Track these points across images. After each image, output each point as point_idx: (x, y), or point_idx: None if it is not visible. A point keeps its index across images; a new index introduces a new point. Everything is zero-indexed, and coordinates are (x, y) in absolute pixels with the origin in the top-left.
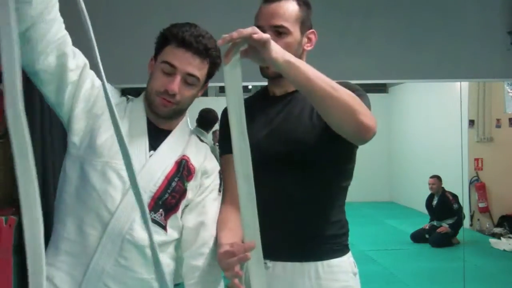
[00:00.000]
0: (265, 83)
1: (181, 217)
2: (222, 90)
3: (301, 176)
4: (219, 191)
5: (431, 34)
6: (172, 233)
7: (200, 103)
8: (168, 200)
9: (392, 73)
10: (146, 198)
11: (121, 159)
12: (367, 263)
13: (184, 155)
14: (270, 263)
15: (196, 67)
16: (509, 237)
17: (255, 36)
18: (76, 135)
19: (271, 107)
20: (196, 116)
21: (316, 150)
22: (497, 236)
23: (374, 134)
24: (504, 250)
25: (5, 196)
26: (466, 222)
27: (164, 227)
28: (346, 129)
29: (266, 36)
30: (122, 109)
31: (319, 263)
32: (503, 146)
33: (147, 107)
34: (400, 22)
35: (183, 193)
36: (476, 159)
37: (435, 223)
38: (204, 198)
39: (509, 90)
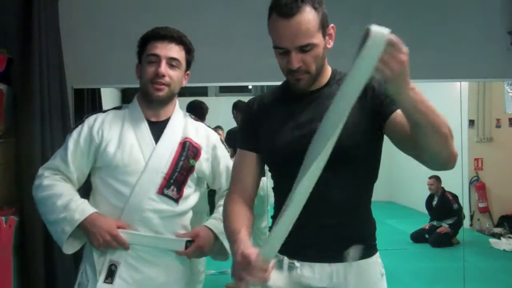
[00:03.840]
0: (265, 83)
1: (194, 189)
2: (222, 90)
3: (331, 177)
4: (226, 149)
5: (431, 34)
6: (183, 205)
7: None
8: (177, 177)
9: None
10: (159, 179)
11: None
12: None
13: (186, 137)
14: (297, 264)
15: (175, 51)
16: (509, 237)
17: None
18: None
19: (296, 106)
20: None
21: (347, 150)
22: (497, 236)
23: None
24: (504, 250)
25: (5, 196)
26: (466, 222)
27: (176, 200)
28: (439, 159)
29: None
30: (120, 117)
31: (347, 264)
32: (503, 146)
33: (144, 107)
34: (400, 22)
35: (189, 169)
36: (476, 159)
37: (435, 223)
38: (224, 164)
39: (509, 90)
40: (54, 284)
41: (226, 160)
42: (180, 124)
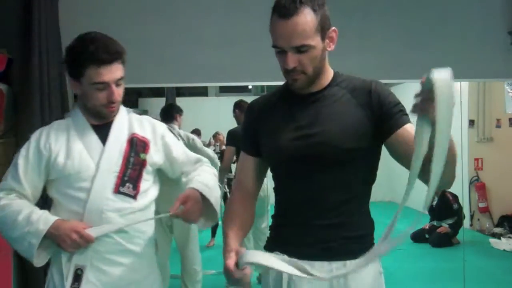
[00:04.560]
0: (265, 83)
1: (153, 181)
2: (222, 90)
3: (330, 178)
4: (177, 138)
5: (431, 34)
6: (142, 200)
7: (201, 103)
8: (131, 174)
9: (392, 73)
10: (113, 178)
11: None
12: None
13: (133, 133)
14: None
15: (119, 70)
16: (509, 237)
17: None
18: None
19: (297, 107)
20: (192, 118)
21: (346, 152)
22: (497, 236)
23: None
24: (504, 250)
25: None
26: (466, 222)
27: (133, 197)
28: (444, 186)
29: None
30: (64, 127)
31: (347, 262)
32: (503, 146)
33: (87, 114)
34: (400, 22)
35: (142, 164)
36: (476, 159)
37: (435, 223)
38: (176, 150)
39: (509, 90)
40: None
41: (177, 145)
42: (125, 122)
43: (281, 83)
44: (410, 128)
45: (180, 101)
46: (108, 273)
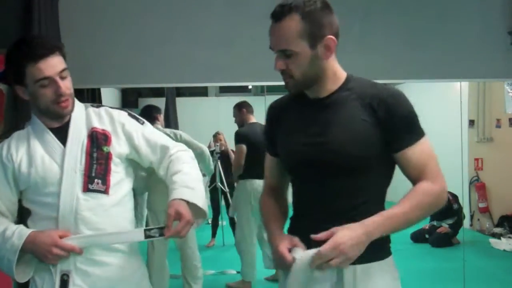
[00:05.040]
0: (265, 83)
1: (125, 173)
2: (222, 90)
3: (342, 185)
4: (140, 122)
5: (431, 34)
6: (116, 194)
7: (201, 103)
8: (97, 169)
9: (392, 73)
10: (80, 177)
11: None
12: None
13: (92, 128)
14: None
15: (59, 62)
16: (509, 237)
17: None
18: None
19: (308, 111)
20: (192, 118)
21: (356, 161)
22: (497, 236)
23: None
24: (504, 250)
25: None
26: (466, 222)
27: (104, 192)
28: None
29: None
30: (24, 136)
31: (357, 266)
32: (503, 146)
33: (44, 118)
34: (400, 22)
35: (107, 157)
36: (476, 159)
37: (435, 223)
38: (138, 136)
39: (509, 90)
40: None
41: (138, 132)
42: (82, 118)
43: (281, 83)
44: (412, 151)
45: (180, 101)
46: (94, 274)
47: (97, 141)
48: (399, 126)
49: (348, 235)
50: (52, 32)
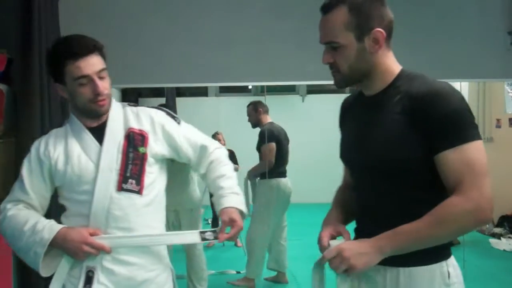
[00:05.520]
0: (265, 83)
1: (157, 175)
2: (222, 90)
3: (385, 188)
4: (177, 122)
5: (431, 34)
6: (149, 195)
7: (201, 103)
8: (132, 169)
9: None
10: (115, 176)
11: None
12: None
13: (129, 128)
14: None
15: (98, 62)
16: (509, 237)
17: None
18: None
19: (361, 109)
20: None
21: (395, 164)
22: (497, 236)
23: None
24: (504, 250)
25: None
26: None
27: (138, 192)
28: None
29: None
30: (62, 134)
31: (401, 269)
32: (503, 146)
33: (82, 117)
34: (400, 22)
35: (142, 158)
36: None
37: None
38: (179, 136)
39: (509, 90)
40: None
41: (179, 132)
42: (120, 118)
43: (281, 83)
44: (447, 157)
45: (180, 101)
46: (118, 273)
47: (134, 141)
48: (434, 127)
49: (354, 243)
50: (52, 32)
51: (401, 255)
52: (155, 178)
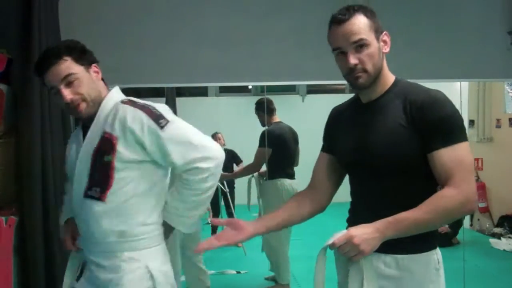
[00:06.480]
0: (265, 83)
1: (127, 184)
2: (222, 90)
3: (384, 185)
4: (160, 127)
5: (431, 34)
6: (114, 201)
7: (201, 103)
8: (97, 176)
9: (392, 73)
10: (86, 178)
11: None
12: None
13: (104, 132)
14: None
15: (64, 68)
16: (509, 237)
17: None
18: None
19: (359, 115)
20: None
21: (396, 162)
22: (497, 236)
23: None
24: (504, 250)
25: (5, 196)
26: (466, 222)
27: (99, 199)
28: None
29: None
30: (74, 133)
31: (398, 256)
32: (503, 146)
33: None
34: (400, 22)
35: (107, 166)
36: (476, 159)
37: None
38: (152, 143)
39: (509, 90)
40: (54, 284)
41: (153, 138)
42: (104, 118)
43: (281, 83)
44: (441, 155)
45: (180, 101)
46: (91, 270)
47: (104, 147)
48: (431, 128)
49: (361, 229)
50: (52, 32)
51: (402, 243)
52: (128, 182)
